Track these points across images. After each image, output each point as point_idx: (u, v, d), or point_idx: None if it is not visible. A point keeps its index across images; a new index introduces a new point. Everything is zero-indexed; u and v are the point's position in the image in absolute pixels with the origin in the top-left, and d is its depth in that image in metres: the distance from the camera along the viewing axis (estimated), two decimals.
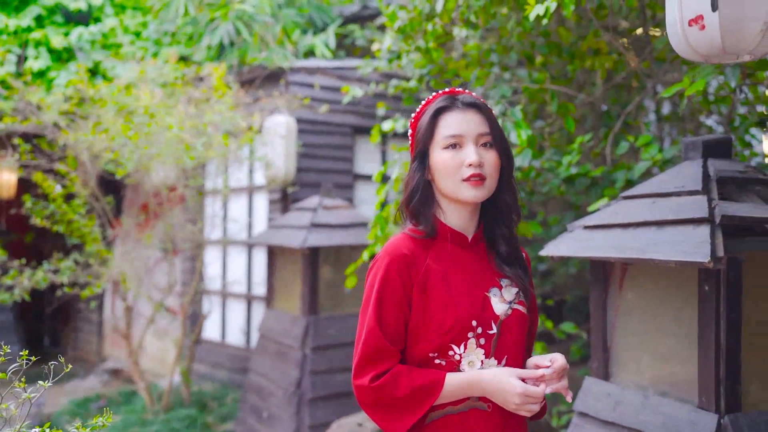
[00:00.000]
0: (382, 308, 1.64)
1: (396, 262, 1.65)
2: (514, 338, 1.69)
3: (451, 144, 1.67)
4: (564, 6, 3.06)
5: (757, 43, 1.58)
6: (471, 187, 1.65)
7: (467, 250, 1.74)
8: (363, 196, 6.61)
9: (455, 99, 1.72)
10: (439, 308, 1.63)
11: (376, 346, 1.62)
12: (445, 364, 1.64)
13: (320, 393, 4.95)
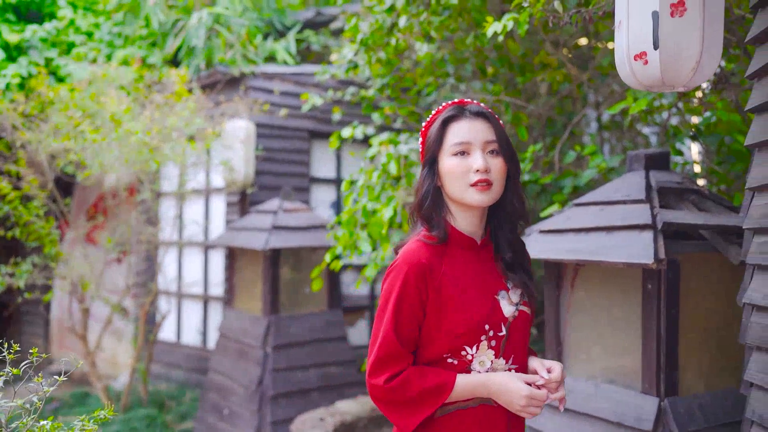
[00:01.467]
0: (398, 315, 1.71)
1: (414, 271, 1.71)
2: (520, 338, 1.78)
3: (459, 151, 1.73)
4: (519, 25, 3.31)
5: (690, 77, 1.84)
6: (478, 191, 1.72)
7: (476, 253, 1.81)
8: (319, 198, 6.79)
9: (463, 108, 1.79)
10: (454, 313, 1.70)
11: (391, 350, 1.70)
12: (457, 363, 1.72)
13: (281, 390, 5.11)
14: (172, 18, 6.87)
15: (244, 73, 6.24)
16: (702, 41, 1.77)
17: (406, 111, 5.31)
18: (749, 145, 2.12)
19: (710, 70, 1.80)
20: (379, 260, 4.55)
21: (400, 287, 1.71)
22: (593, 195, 2.92)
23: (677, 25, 1.75)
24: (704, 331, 2.59)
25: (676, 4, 1.76)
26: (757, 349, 2.09)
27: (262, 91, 6.31)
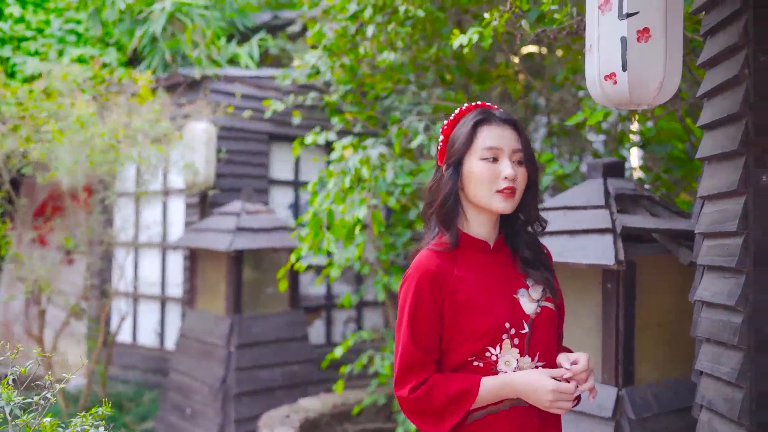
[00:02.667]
0: (414, 324, 1.71)
1: (426, 278, 1.71)
2: (545, 334, 1.77)
3: (489, 156, 1.73)
4: (483, 39, 3.50)
5: (654, 96, 2.03)
6: (503, 198, 1.73)
7: (490, 256, 1.81)
8: (277, 200, 6.88)
9: (492, 113, 1.78)
10: (472, 316, 1.70)
11: (411, 359, 1.71)
12: (483, 365, 1.71)
13: (245, 388, 5.20)
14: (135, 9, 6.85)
15: (205, 75, 6.28)
16: (665, 64, 1.97)
17: (366, 116, 5.46)
18: (700, 158, 2.34)
19: (672, 90, 2.00)
20: (344, 261, 4.69)
21: (413, 296, 1.72)
22: (556, 200, 3.13)
23: (643, 50, 1.95)
24: (658, 326, 2.82)
25: (641, 31, 1.95)
26: (706, 341, 2.32)
27: (223, 93, 6.37)
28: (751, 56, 2.02)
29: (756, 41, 2.01)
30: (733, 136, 2.09)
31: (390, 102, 5.63)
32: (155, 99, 5.63)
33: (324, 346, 6.72)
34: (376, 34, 4.35)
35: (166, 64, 6.71)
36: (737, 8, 2.08)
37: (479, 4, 4.69)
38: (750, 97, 2.01)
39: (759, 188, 2.01)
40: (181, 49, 6.57)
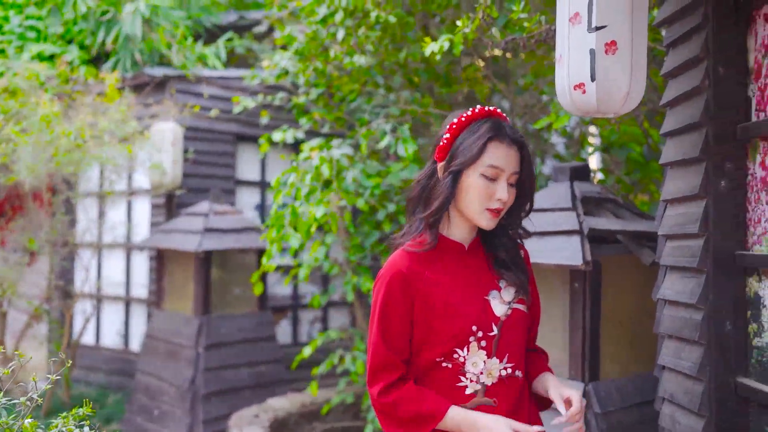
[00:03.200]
0: (385, 324, 1.74)
1: (397, 279, 1.74)
2: (515, 336, 1.78)
3: (490, 174, 1.72)
4: (454, 46, 3.58)
5: (621, 106, 2.14)
6: (491, 217, 1.75)
7: (465, 257, 1.82)
8: (244, 201, 6.88)
9: (504, 129, 1.76)
10: (441, 319, 1.72)
11: (382, 359, 1.74)
12: (452, 366, 1.73)
13: (213, 389, 5.21)
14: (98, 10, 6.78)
15: (172, 75, 6.26)
16: (631, 75, 2.07)
17: (334, 117, 5.52)
18: (663, 163, 2.46)
19: (637, 99, 2.11)
20: (313, 262, 4.74)
21: (383, 297, 1.74)
22: None
23: (611, 62, 2.05)
24: (621, 324, 2.95)
25: (609, 44, 2.05)
26: (669, 337, 2.44)
27: (190, 94, 6.35)
28: (711, 68, 2.14)
29: (716, 54, 2.13)
30: (694, 144, 2.21)
31: (357, 104, 5.70)
32: (122, 99, 5.60)
33: (290, 346, 6.76)
34: (346, 38, 4.41)
35: (134, 64, 6.66)
36: (698, 22, 2.19)
37: (447, 9, 4.79)
38: (710, 107, 2.13)
39: (718, 193, 2.13)
40: (156, 49, 6.54)
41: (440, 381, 1.75)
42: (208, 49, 6.98)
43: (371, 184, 4.40)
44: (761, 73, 2.06)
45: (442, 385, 1.75)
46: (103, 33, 6.76)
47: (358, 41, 4.46)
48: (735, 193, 2.13)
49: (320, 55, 4.78)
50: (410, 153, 4.27)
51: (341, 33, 4.33)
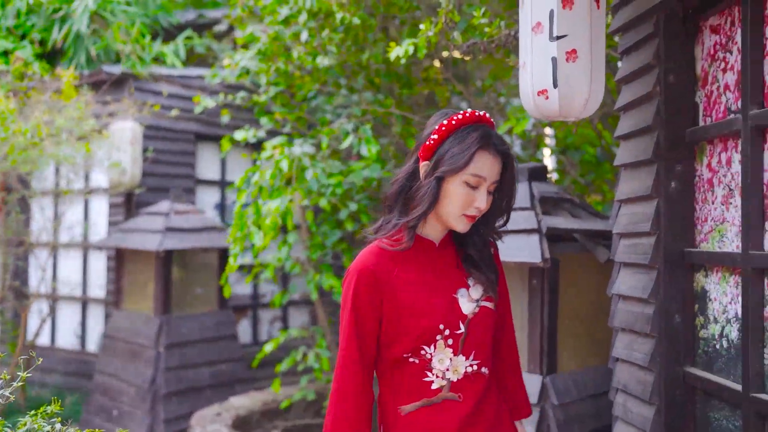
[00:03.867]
0: (353, 321, 1.75)
1: (364, 278, 1.75)
2: (481, 334, 1.80)
3: (472, 183, 1.72)
4: (418, 50, 3.67)
5: (581, 110, 2.25)
6: (466, 222, 1.76)
7: (435, 254, 1.83)
8: (204, 200, 6.87)
9: (492, 139, 1.75)
10: (409, 316, 1.74)
11: (346, 361, 1.76)
12: (419, 362, 1.75)
13: (174, 388, 5.20)
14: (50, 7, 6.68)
15: (130, 73, 6.22)
16: (590, 82, 2.18)
17: (295, 116, 5.56)
18: (617, 165, 2.59)
19: (596, 105, 2.22)
20: (275, 261, 4.78)
21: (352, 294, 1.76)
22: None
23: (571, 69, 2.16)
24: (578, 319, 3.07)
25: (570, 52, 2.16)
26: (622, 330, 2.57)
27: (149, 92, 6.32)
28: (662, 75, 2.26)
29: (666, 62, 2.26)
30: (646, 147, 2.34)
31: (318, 103, 5.75)
32: (79, 96, 5.54)
33: (251, 346, 6.77)
34: (309, 40, 4.46)
35: (89, 61, 6.59)
36: (650, 32, 2.32)
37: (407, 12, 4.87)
38: (661, 112, 2.26)
39: (669, 194, 2.26)
40: (109, 47, 6.47)
41: (408, 375, 1.77)
42: (167, 47, 6.94)
43: (332, 182, 4.46)
44: (707, 81, 2.19)
45: (410, 379, 1.77)
46: (57, 30, 6.66)
47: (321, 42, 4.51)
48: (684, 194, 2.26)
49: (282, 55, 4.82)
50: (373, 153, 4.35)
51: (305, 34, 4.38)
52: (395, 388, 1.79)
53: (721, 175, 2.12)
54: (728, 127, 2.03)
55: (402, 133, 4.71)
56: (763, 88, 1.91)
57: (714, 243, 2.15)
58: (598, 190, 5.48)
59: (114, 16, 6.50)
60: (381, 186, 4.96)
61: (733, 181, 2.06)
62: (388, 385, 1.80)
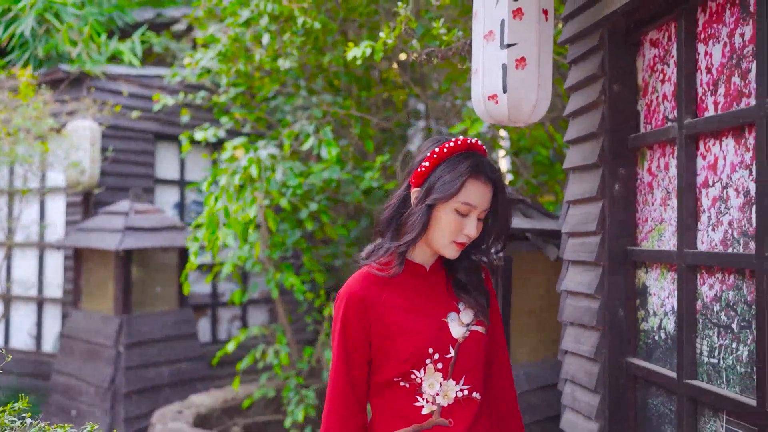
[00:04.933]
0: (344, 347, 1.76)
1: (353, 302, 1.74)
2: (472, 358, 1.78)
3: (462, 210, 1.73)
4: (375, 53, 3.78)
5: (529, 116, 2.38)
6: (456, 249, 1.76)
7: (425, 279, 1.83)
8: (163, 199, 6.87)
9: (484, 167, 1.76)
10: (398, 341, 1.73)
11: (338, 392, 1.77)
12: (409, 386, 1.74)
13: (134, 387, 5.22)
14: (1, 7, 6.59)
15: (88, 72, 6.19)
16: (538, 88, 2.32)
17: (255, 116, 5.62)
18: (566, 168, 2.74)
19: (543, 110, 2.36)
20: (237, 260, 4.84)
21: (341, 319, 1.76)
22: None
23: (520, 76, 2.29)
24: (530, 314, 3.22)
25: (519, 60, 2.29)
26: (570, 324, 2.71)
27: (108, 91, 6.30)
28: (606, 85, 2.41)
29: (610, 73, 2.41)
30: (592, 151, 2.49)
31: (278, 104, 5.82)
32: (37, 95, 5.51)
33: (210, 344, 6.80)
34: (270, 42, 4.53)
35: (39, 62, 6.52)
36: (596, 44, 2.47)
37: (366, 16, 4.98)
38: (605, 119, 2.41)
39: (613, 196, 2.41)
40: (59, 48, 6.41)
41: (398, 399, 1.76)
42: (123, 45, 6.91)
43: (296, 182, 4.55)
44: (648, 91, 2.35)
45: (400, 404, 1.76)
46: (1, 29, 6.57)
47: (282, 45, 4.59)
48: (626, 196, 2.41)
49: (243, 57, 4.88)
50: (333, 155, 4.45)
51: (266, 37, 4.46)
52: (386, 413, 1.77)
53: (659, 179, 2.28)
54: (666, 134, 2.18)
55: (361, 134, 4.81)
56: (696, 99, 2.06)
57: (653, 242, 2.31)
58: (550, 190, 5.67)
59: (59, 18, 6.44)
60: (340, 187, 5.06)
61: (670, 184, 2.21)
62: (378, 410, 1.80)
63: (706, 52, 2.03)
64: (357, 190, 4.93)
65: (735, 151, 1.89)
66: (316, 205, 4.79)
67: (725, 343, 1.91)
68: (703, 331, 2.01)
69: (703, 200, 2.03)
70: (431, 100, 5.39)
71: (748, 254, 1.77)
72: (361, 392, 1.79)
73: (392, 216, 1.81)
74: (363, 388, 1.79)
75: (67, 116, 5.95)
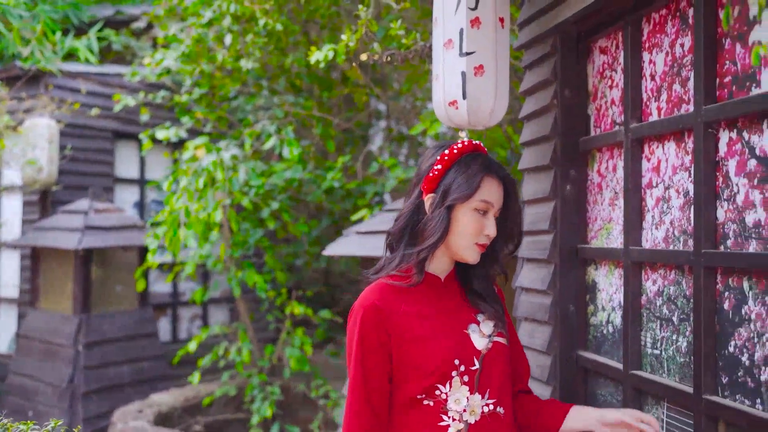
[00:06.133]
0: (363, 362, 1.67)
1: (370, 314, 1.67)
2: (497, 371, 1.72)
3: (482, 209, 1.72)
4: (337, 55, 3.85)
5: (487, 120, 2.48)
6: (477, 252, 1.75)
7: (441, 290, 1.78)
8: (123, 198, 6.82)
9: (493, 164, 1.77)
10: (420, 353, 1.65)
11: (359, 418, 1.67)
12: (434, 404, 1.65)
13: (94, 387, 5.19)
14: None
15: (44, 69, 6.13)
16: (495, 94, 2.42)
17: (216, 116, 5.65)
18: (521, 169, 2.84)
19: (501, 114, 2.46)
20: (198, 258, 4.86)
21: (359, 334, 1.68)
22: (400, 202, 3.55)
23: (479, 83, 2.39)
24: None
25: (477, 67, 2.39)
26: (525, 319, 2.82)
27: (67, 89, 6.24)
28: (558, 90, 2.52)
29: (562, 78, 2.52)
30: (545, 153, 2.60)
31: (239, 103, 5.85)
32: None
33: (171, 344, 6.78)
34: (233, 43, 4.57)
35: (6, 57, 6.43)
36: (548, 51, 2.58)
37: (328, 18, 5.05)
38: (557, 123, 2.52)
39: (564, 196, 2.52)
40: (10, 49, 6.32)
41: (421, 420, 1.66)
42: (79, 42, 6.84)
43: (259, 182, 4.59)
44: (597, 96, 2.47)
45: (423, 425, 1.66)
46: None
47: (245, 46, 4.63)
48: (577, 196, 2.53)
49: (205, 57, 4.91)
50: (294, 155, 4.51)
51: (229, 38, 4.49)
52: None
53: (608, 180, 2.40)
54: (613, 138, 2.30)
55: (322, 134, 4.88)
56: (641, 104, 2.18)
57: (603, 240, 2.42)
58: None
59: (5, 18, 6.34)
60: (302, 186, 5.12)
61: (618, 185, 2.33)
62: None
63: (650, 60, 2.15)
64: (318, 190, 5.00)
65: (676, 155, 2.01)
66: (277, 204, 4.84)
67: (666, 335, 2.03)
68: (647, 324, 2.13)
69: (647, 200, 2.15)
70: (392, 101, 5.47)
71: (687, 251, 1.89)
72: (380, 410, 1.68)
73: (405, 226, 1.76)
74: (383, 407, 1.69)
75: (23, 114, 5.89)
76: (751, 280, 1.70)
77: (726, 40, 1.81)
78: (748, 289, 1.71)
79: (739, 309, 1.73)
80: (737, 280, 1.74)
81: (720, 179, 1.81)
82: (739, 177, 1.74)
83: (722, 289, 1.79)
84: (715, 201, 1.83)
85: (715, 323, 1.81)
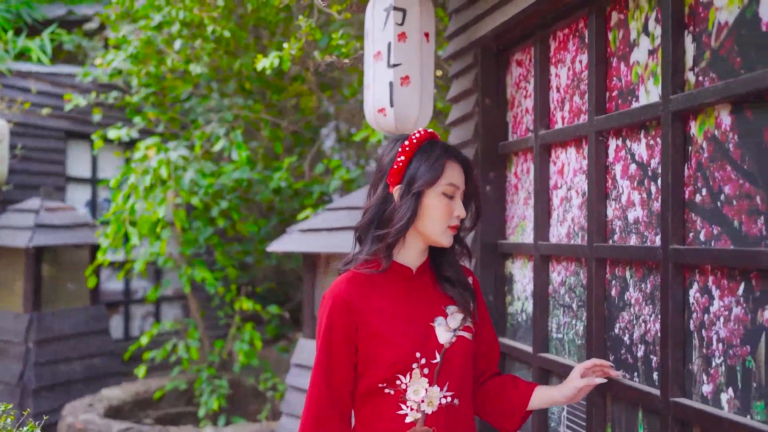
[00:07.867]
0: (328, 351, 1.73)
1: (338, 308, 1.71)
2: (458, 364, 1.76)
3: (448, 193, 1.76)
4: (283, 62, 4.02)
5: (413, 127, 2.69)
6: (450, 234, 1.79)
7: (412, 282, 1.81)
8: (75, 197, 6.88)
9: (451, 149, 1.81)
10: (384, 344, 1.70)
11: (320, 414, 1.72)
12: (393, 393, 1.71)
13: (45, 383, 5.27)
14: None
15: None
16: (420, 103, 2.63)
17: (168, 117, 5.77)
18: None
19: (425, 121, 2.68)
20: (148, 256, 4.99)
21: (326, 323, 1.73)
22: (341, 201, 3.75)
23: (405, 92, 2.60)
24: None
25: (404, 78, 2.60)
26: None
27: (17, 89, 6.28)
28: (479, 99, 2.75)
29: (483, 88, 2.75)
30: (468, 156, 2.82)
31: (191, 105, 5.97)
32: None
33: (123, 341, 6.87)
34: (183, 48, 4.71)
35: None
36: (471, 62, 2.81)
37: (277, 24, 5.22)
38: (479, 129, 2.75)
39: (485, 196, 2.75)
40: None
41: (381, 407, 1.72)
42: (32, 42, 6.87)
43: (206, 183, 4.74)
44: (514, 104, 2.70)
45: (383, 412, 1.72)
46: None
47: (195, 51, 4.77)
48: (497, 196, 2.76)
49: (154, 59, 5.03)
50: (243, 157, 4.67)
51: (178, 43, 4.63)
52: (368, 422, 1.74)
53: (522, 181, 2.63)
54: (526, 143, 2.53)
55: (271, 136, 5.05)
56: (549, 113, 2.42)
57: (518, 236, 2.66)
58: None
59: None
60: (251, 186, 5.28)
61: (530, 186, 2.57)
62: (360, 420, 1.76)
63: (556, 74, 2.39)
64: (267, 190, 5.16)
65: (576, 159, 2.25)
66: (227, 204, 4.99)
67: (567, 321, 2.27)
68: (553, 311, 2.37)
69: (554, 200, 2.39)
70: (340, 104, 5.67)
71: (583, 245, 2.13)
72: (342, 398, 1.75)
73: (372, 219, 1.79)
74: (344, 396, 1.75)
75: None
76: (632, 269, 1.94)
77: (614, 59, 2.05)
78: (629, 278, 1.95)
79: (623, 295, 1.98)
80: (621, 270, 1.99)
81: (609, 181, 2.06)
82: (624, 179, 1.99)
83: (610, 278, 2.04)
84: (605, 200, 2.07)
85: (604, 308, 2.05)
